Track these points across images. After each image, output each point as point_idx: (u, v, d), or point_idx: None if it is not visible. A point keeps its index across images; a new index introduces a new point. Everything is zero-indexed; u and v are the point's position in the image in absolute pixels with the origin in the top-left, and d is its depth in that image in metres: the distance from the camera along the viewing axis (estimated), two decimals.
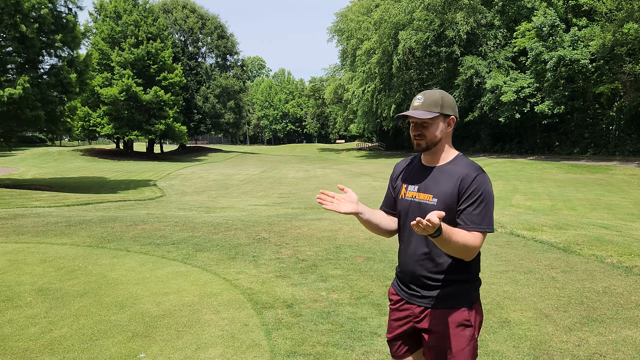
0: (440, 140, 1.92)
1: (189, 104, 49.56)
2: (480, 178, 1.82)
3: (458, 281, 1.88)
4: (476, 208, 1.79)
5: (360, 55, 41.68)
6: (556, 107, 28.87)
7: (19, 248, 6.29)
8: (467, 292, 1.89)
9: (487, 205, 1.81)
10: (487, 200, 1.81)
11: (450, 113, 1.92)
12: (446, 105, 1.91)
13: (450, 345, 1.86)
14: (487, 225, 1.80)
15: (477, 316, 1.90)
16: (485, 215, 1.80)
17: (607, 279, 4.95)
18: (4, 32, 16.66)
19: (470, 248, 1.76)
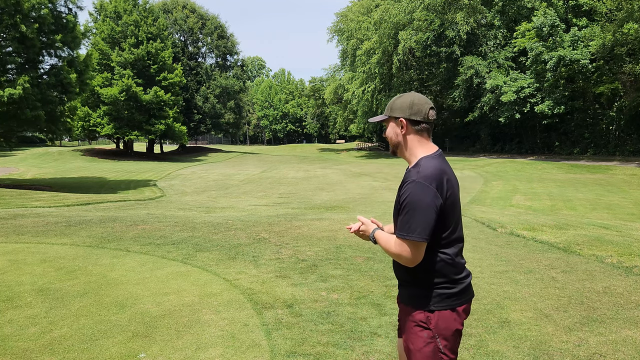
0: (400, 143, 1.99)
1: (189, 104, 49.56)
2: (409, 186, 1.86)
3: (414, 284, 1.98)
4: (401, 215, 1.87)
5: (360, 55, 41.69)
6: (556, 107, 28.88)
7: (19, 248, 6.29)
8: (422, 296, 1.95)
9: (410, 213, 1.84)
10: (409, 208, 1.84)
11: (398, 115, 1.95)
12: (396, 108, 1.96)
13: (409, 341, 1.97)
14: (406, 232, 1.84)
15: (440, 323, 1.92)
16: (407, 222, 1.84)
17: (607, 279, 4.95)
18: (4, 32, 16.66)
19: (397, 254, 1.87)
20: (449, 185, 1.90)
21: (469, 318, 3.86)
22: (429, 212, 1.82)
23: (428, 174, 1.86)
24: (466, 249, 6.33)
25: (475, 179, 21.47)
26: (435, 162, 1.91)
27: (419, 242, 1.84)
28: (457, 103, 36.76)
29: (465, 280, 2.02)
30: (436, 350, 1.93)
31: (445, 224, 1.90)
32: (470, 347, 3.35)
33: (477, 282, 4.88)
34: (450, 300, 1.95)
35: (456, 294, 1.97)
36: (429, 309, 1.94)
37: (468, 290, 2.04)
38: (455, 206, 1.94)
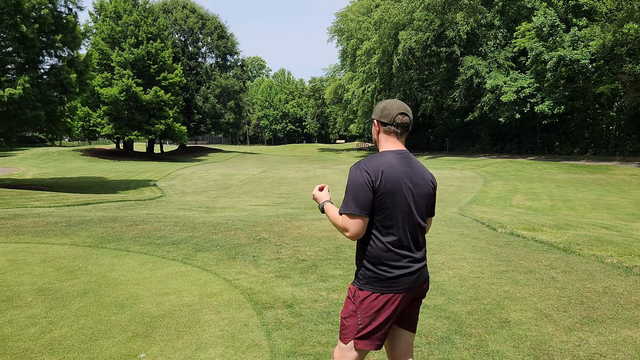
0: (375, 140, 2.31)
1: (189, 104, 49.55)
2: (349, 171, 2.18)
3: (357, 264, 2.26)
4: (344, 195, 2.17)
5: (360, 55, 41.68)
6: (556, 107, 28.86)
7: (19, 248, 6.29)
8: (358, 275, 2.22)
9: (347, 191, 2.14)
10: (347, 187, 2.15)
11: (374, 116, 2.28)
12: (375, 110, 2.28)
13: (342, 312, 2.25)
14: (344, 207, 2.13)
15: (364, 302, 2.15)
16: (345, 199, 2.14)
17: (607, 279, 4.95)
18: (4, 32, 16.66)
19: (338, 226, 2.15)
20: (387, 175, 2.11)
21: (469, 318, 3.87)
22: (361, 190, 2.09)
23: (367, 162, 2.15)
24: (466, 249, 6.33)
25: (475, 179, 21.47)
26: (385, 157, 2.17)
27: (355, 214, 2.08)
28: (457, 103, 36.75)
29: (398, 271, 2.14)
30: (354, 323, 2.16)
31: (378, 209, 2.11)
32: (470, 347, 3.35)
33: (477, 282, 4.88)
34: (378, 285, 2.14)
35: (385, 280, 2.13)
36: (358, 286, 2.18)
37: (401, 281, 2.15)
38: (393, 199, 2.12)
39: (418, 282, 2.20)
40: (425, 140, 47.10)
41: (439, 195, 15.38)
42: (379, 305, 2.12)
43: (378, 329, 2.14)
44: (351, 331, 2.15)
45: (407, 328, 2.32)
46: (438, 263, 5.61)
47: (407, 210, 2.15)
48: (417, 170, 2.21)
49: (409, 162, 2.19)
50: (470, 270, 5.32)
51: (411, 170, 2.18)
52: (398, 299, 2.15)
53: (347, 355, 2.17)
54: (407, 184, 2.14)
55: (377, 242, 2.13)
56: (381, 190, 2.08)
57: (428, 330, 3.63)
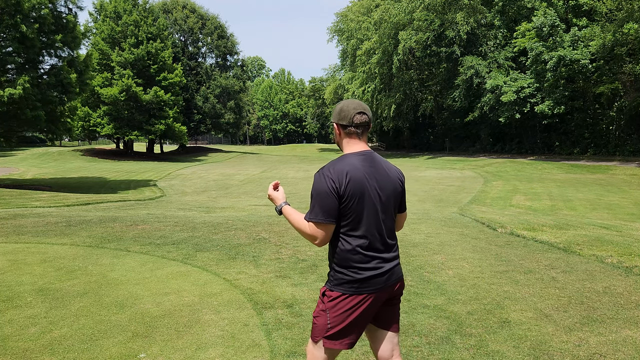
0: (338, 143, 2.28)
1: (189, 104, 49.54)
2: (314, 177, 2.14)
3: (329, 265, 2.25)
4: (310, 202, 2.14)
5: (360, 55, 41.68)
6: (556, 107, 28.85)
7: (19, 248, 6.29)
8: (329, 276, 2.22)
9: (312, 199, 2.12)
10: (312, 195, 2.13)
11: (332, 120, 2.26)
12: (333, 113, 2.25)
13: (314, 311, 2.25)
14: (308, 215, 2.12)
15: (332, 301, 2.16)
16: (310, 207, 2.13)
17: (607, 279, 4.95)
18: (4, 32, 16.65)
19: (304, 233, 2.13)
20: (352, 178, 2.09)
21: (469, 318, 3.87)
22: (326, 197, 2.07)
23: (330, 167, 2.13)
24: (466, 249, 6.33)
25: (475, 179, 21.47)
26: (347, 159, 2.16)
27: (322, 222, 2.08)
28: (457, 103, 36.75)
29: (367, 273, 2.15)
30: (323, 322, 2.17)
31: (345, 213, 2.10)
32: (470, 347, 3.35)
33: (477, 282, 4.88)
34: (348, 286, 2.14)
35: (354, 282, 2.14)
36: (329, 287, 2.19)
37: (371, 283, 2.16)
38: (360, 202, 2.11)
39: (389, 282, 2.20)
40: (425, 140, 47.09)
41: (440, 195, 15.38)
42: (348, 306, 2.13)
43: (347, 330, 2.15)
44: (320, 330, 2.17)
45: (388, 328, 2.32)
46: (438, 263, 5.61)
47: (374, 211, 2.15)
48: (381, 170, 2.20)
49: (373, 162, 2.19)
50: (470, 270, 5.32)
51: (375, 170, 2.17)
52: (369, 300, 2.15)
53: (317, 353, 2.20)
54: (372, 185, 2.13)
55: (345, 245, 2.12)
56: (347, 195, 2.07)
57: (428, 330, 3.63)
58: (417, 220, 8.97)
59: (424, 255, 6.01)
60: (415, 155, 40.99)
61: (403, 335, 3.55)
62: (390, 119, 41.75)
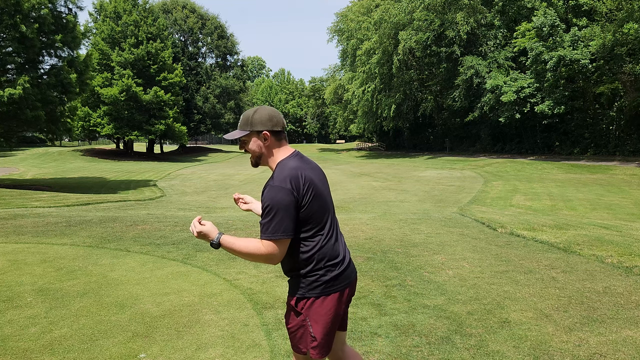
0: (263, 154, 2.14)
1: (189, 104, 49.55)
2: (267, 190, 2.02)
3: (292, 274, 2.15)
4: (264, 219, 2.01)
5: (360, 55, 41.65)
6: (556, 107, 28.84)
7: (19, 248, 6.29)
8: (297, 285, 2.11)
9: (271, 214, 1.98)
10: (269, 210, 1.98)
11: (261, 128, 2.09)
12: (256, 122, 2.09)
13: (288, 325, 2.16)
14: (271, 233, 1.97)
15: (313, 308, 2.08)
16: (268, 224, 1.99)
17: (607, 279, 4.95)
18: (4, 32, 16.65)
19: (257, 255, 2.00)
20: (306, 178, 2.04)
21: (469, 318, 3.87)
22: (288, 210, 1.97)
23: (283, 176, 2.01)
24: (466, 249, 6.33)
25: (475, 179, 21.46)
26: (290, 163, 2.08)
27: (283, 239, 1.98)
28: (457, 103, 36.74)
29: (338, 268, 2.12)
30: (307, 333, 2.10)
31: (310, 216, 2.04)
32: (470, 347, 3.35)
33: (477, 282, 4.88)
34: (321, 287, 2.08)
35: (328, 281, 2.09)
36: (300, 295, 2.10)
37: (343, 277, 2.14)
38: (316, 201, 2.06)
39: (353, 274, 2.21)
40: (425, 140, 47.08)
41: (440, 195, 15.38)
42: (327, 308, 2.09)
43: (330, 333, 2.12)
44: (304, 341, 2.10)
45: (344, 328, 2.33)
46: (438, 263, 5.60)
47: (328, 206, 2.15)
48: (314, 166, 2.20)
49: (307, 160, 2.18)
50: (470, 270, 5.32)
51: (311, 167, 2.16)
52: (344, 296, 2.15)
53: None
54: (318, 181, 2.12)
55: (310, 247, 2.06)
56: (306, 199, 2.02)
57: (428, 330, 3.63)
58: (417, 220, 8.97)
59: (424, 255, 6.01)
60: (415, 155, 40.98)
61: (403, 335, 3.55)
62: (390, 119, 41.73)
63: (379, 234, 7.36)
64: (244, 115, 2.14)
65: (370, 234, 7.41)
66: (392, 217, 9.43)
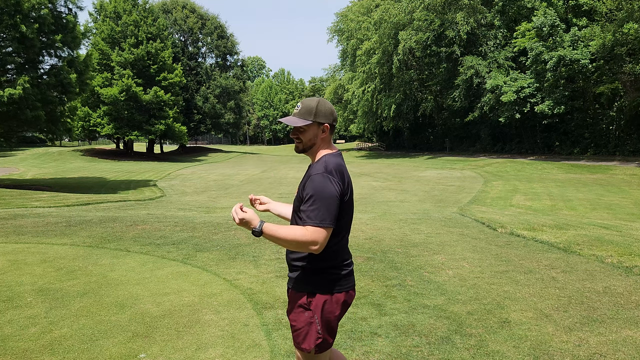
0: (314, 144, 2.18)
1: (189, 104, 49.55)
2: (314, 178, 2.04)
3: (303, 268, 2.13)
4: (308, 205, 2.01)
5: (360, 55, 41.66)
6: (556, 107, 28.84)
7: (19, 248, 6.29)
8: (308, 281, 2.12)
9: (316, 202, 1.99)
10: (315, 198, 1.99)
11: (324, 121, 2.14)
12: (320, 114, 2.13)
13: (294, 322, 2.14)
14: (319, 220, 1.98)
15: (322, 305, 2.10)
16: (315, 211, 1.99)
17: (607, 279, 4.95)
18: (4, 32, 16.65)
19: (301, 242, 1.98)
20: (348, 177, 2.12)
21: (469, 318, 3.87)
22: (334, 200, 2.01)
23: (331, 168, 2.06)
24: (466, 249, 6.33)
25: (475, 179, 21.46)
26: (336, 159, 2.13)
27: (328, 227, 1.99)
28: (457, 103, 36.74)
29: (348, 268, 2.18)
30: (315, 330, 2.10)
31: (343, 213, 2.08)
32: (471, 347, 3.35)
33: (477, 282, 4.88)
34: (332, 286, 2.11)
35: (339, 280, 2.13)
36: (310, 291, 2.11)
37: (351, 277, 2.19)
38: (350, 200, 2.14)
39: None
40: (425, 140, 47.08)
41: (440, 196, 15.38)
42: (335, 306, 2.12)
43: (334, 331, 2.16)
44: (310, 339, 2.11)
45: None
46: (438, 263, 5.61)
47: (353, 207, 2.21)
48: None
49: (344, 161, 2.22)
50: (470, 270, 5.32)
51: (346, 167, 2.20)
52: (350, 295, 2.19)
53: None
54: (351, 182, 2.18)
55: (335, 243, 2.10)
56: (346, 198, 2.08)
57: (428, 330, 3.63)
58: (417, 220, 8.97)
59: (424, 255, 6.01)
60: (415, 155, 40.99)
61: (403, 335, 3.55)
62: (390, 119, 41.74)
63: (379, 234, 7.36)
64: (305, 104, 2.15)
65: (370, 234, 7.41)
66: (392, 217, 9.43)
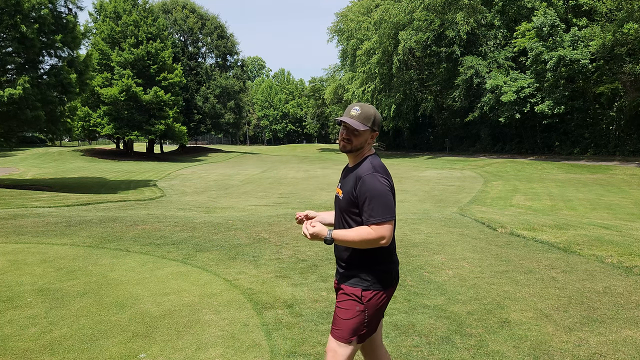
0: (362, 147, 2.30)
1: (189, 104, 49.53)
2: (366, 178, 2.17)
3: (358, 265, 2.26)
4: (367, 204, 2.15)
5: (360, 55, 41.66)
6: (556, 107, 28.84)
7: (19, 248, 6.29)
8: (364, 276, 2.24)
9: (374, 200, 2.14)
10: (372, 196, 2.14)
11: (377, 129, 2.31)
12: (376, 123, 2.29)
13: (343, 315, 2.24)
14: (381, 216, 2.13)
15: (374, 299, 2.23)
16: (375, 209, 2.13)
17: (607, 279, 4.95)
18: (4, 33, 16.65)
19: (369, 239, 2.13)
20: (391, 179, 2.28)
21: (469, 318, 3.87)
22: (388, 195, 2.17)
23: (379, 167, 2.23)
24: (466, 249, 6.33)
25: (475, 179, 21.47)
26: (379, 161, 2.29)
27: (391, 220, 2.15)
28: (457, 103, 36.74)
29: (396, 265, 2.34)
30: (362, 322, 2.23)
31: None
32: (471, 347, 3.35)
33: (477, 282, 4.88)
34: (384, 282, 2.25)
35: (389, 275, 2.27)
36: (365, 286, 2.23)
37: (397, 274, 2.34)
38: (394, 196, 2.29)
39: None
40: (425, 140, 47.08)
41: (440, 195, 15.38)
42: (383, 301, 2.26)
43: (377, 323, 2.32)
44: (355, 330, 2.23)
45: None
46: (438, 263, 5.61)
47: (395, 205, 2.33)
48: None
49: None
50: (470, 270, 5.32)
51: None
52: (393, 291, 2.32)
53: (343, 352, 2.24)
54: None
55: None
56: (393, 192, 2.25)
57: (428, 330, 3.63)
58: (417, 220, 8.97)
59: (424, 255, 6.01)
60: (415, 155, 40.98)
61: (403, 335, 3.55)
62: (390, 119, 41.73)
63: None
64: (364, 110, 2.26)
65: None
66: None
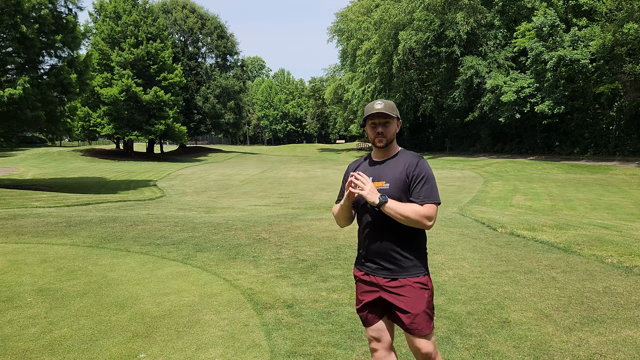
0: (394, 138, 2.36)
1: (189, 104, 49.54)
2: (422, 162, 2.27)
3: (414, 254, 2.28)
4: (424, 186, 2.22)
5: (360, 55, 41.67)
6: (556, 107, 28.84)
7: (19, 248, 6.29)
8: (418, 263, 2.28)
9: (429, 182, 2.24)
10: (429, 178, 2.24)
11: (400, 118, 2.39)
12: (399, 113, 2.41)
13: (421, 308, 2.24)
14: (435, 198, 2.22)
15: (430, 282, 2.33)
16: (431, 190, 2.23)
17: (607, 279, 4.95)
18: (4, 33, 16.65)
19: (422, 216, 2.17)
20: None
21: (469, 318, 3.87)
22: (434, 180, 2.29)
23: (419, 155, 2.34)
24: (466, 249, 6.33)
25: (475, 179, 21.46)
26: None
27: (439, 205, 2.25)
28: (457, 103, 36.74)
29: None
30: (432, 306, 2.30)
31: None
32: (471, 347, 3.34)
33: (477, 282, 4.88)
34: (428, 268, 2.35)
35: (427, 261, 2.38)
36: (426, 272, 2.31)
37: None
38: None
39: None
40: (425, 140, 47.09)
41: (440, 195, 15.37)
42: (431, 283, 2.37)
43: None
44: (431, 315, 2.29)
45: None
46: (438, 263, 5.60)
47: None
48: None
49: None
50: (470, 270, 5.32)
51: None
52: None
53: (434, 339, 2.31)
54: None
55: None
56: None
57: None
58: None
59: None
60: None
61: (403, 335, 3.55)
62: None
63: None
64: (387, 102, 2.33)
65: None
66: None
